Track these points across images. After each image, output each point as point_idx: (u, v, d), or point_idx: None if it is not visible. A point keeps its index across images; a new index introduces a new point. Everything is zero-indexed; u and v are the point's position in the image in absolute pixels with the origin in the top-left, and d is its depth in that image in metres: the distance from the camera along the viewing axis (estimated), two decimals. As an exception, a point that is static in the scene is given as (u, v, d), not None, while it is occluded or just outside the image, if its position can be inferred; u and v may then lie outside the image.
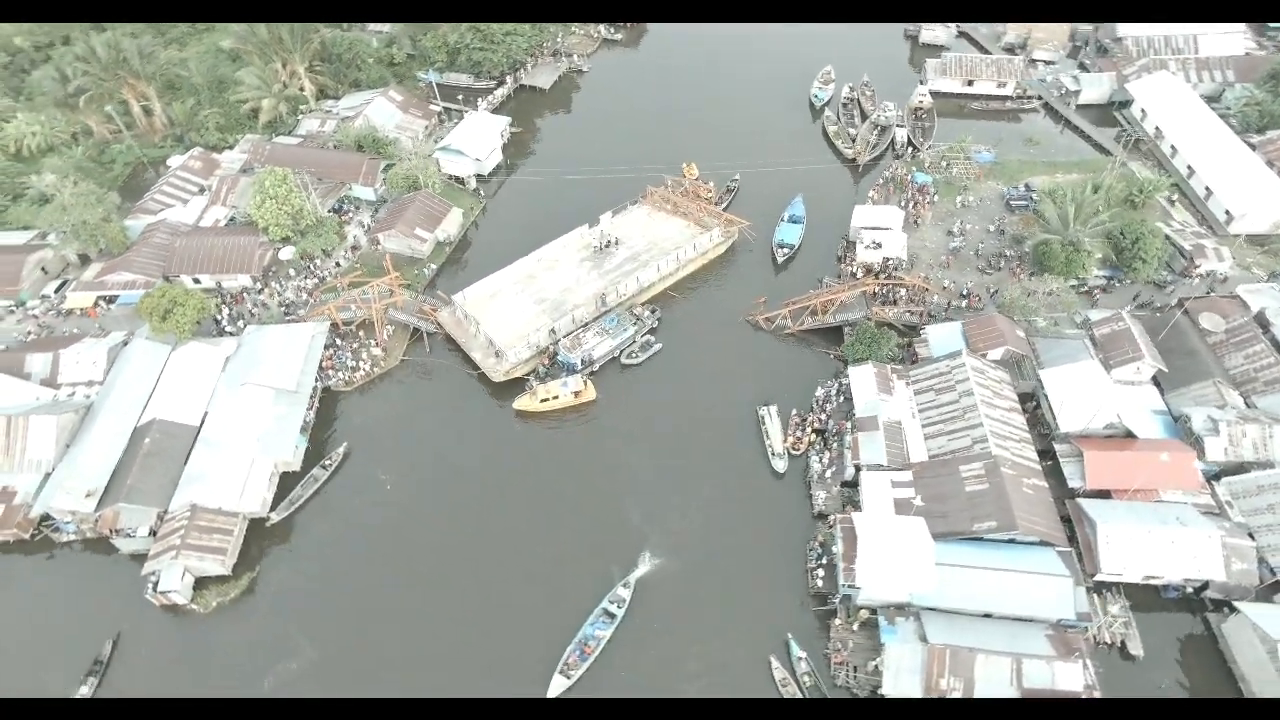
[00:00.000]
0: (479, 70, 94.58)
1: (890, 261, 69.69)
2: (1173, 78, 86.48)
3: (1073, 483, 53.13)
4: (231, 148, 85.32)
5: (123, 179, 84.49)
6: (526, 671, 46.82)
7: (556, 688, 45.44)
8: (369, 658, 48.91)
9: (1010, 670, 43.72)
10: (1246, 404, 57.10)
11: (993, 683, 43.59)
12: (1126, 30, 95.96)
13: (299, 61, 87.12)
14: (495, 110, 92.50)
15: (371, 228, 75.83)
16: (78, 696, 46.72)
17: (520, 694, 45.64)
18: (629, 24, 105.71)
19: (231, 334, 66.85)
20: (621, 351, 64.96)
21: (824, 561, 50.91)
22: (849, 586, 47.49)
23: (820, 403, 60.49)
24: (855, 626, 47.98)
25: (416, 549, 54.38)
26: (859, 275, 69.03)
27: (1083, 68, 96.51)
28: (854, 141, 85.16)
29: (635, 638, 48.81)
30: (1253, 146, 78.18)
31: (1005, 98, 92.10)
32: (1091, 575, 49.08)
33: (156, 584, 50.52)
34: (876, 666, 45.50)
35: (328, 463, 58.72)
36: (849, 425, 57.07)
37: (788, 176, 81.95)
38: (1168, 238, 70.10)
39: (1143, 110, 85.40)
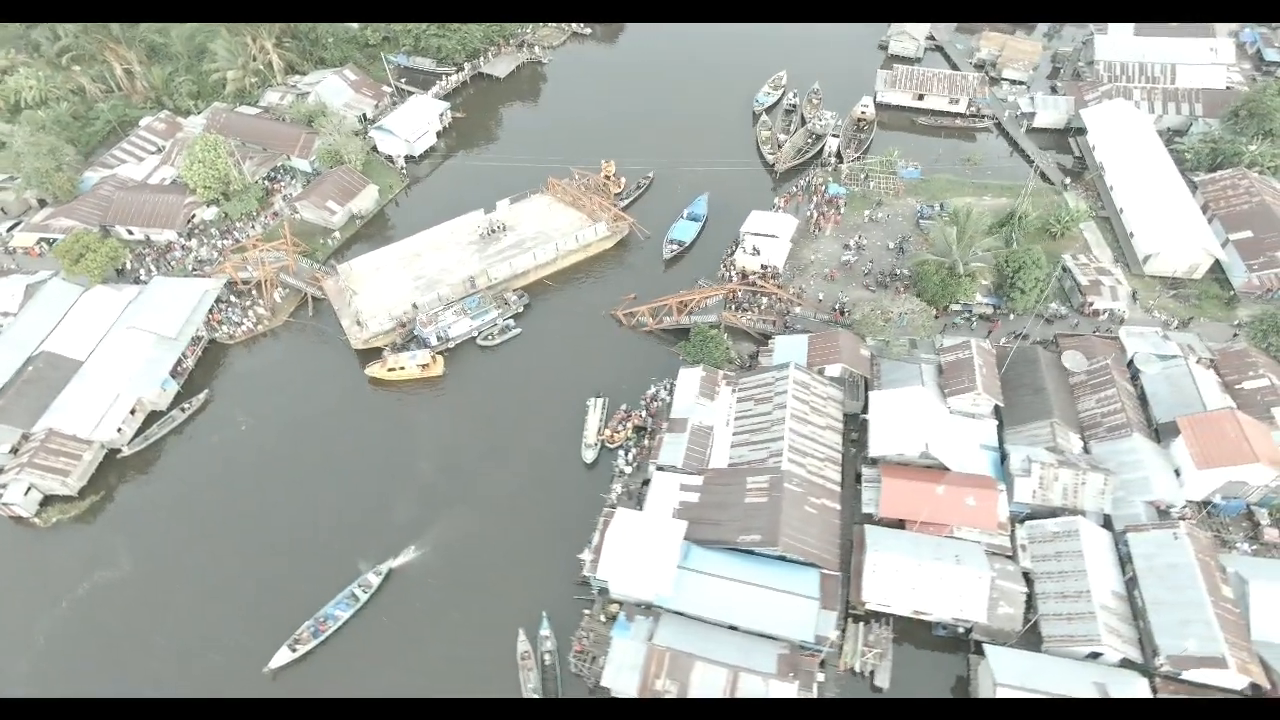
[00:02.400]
0: (440, 56, 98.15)
1: (768, 269, 69.06)
2: (1129, 107, 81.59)
3: (868, 509, 51.99)
4: (200, 113, 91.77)
5: (101, 135, 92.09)
6: (275, 636, 49.31)
7: (280, 659, 47.76)
8: (172, 578, 53.74)
9: (726, 681, 43.64)
10: (1085, 449, 54.36)
11: (707, 690, 43.62)
12: (1102, 54, 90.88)
13: (266, 37, 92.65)
14: (448, 95, 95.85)
15: (291, 197, 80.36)
16: None
17: (264, 654, 48.34)
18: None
19: (145, 283, 72.45)
20: (480, 333, 66.98)
21: (595, 553, 51.64)
22: (595, 579, 48.23)
23: (647, 401, 60.91)
24: (603, 619, 48.69)
25: (249, 487, 58.92)
26: (733, 279, 68.74)
27: (1054, 90, 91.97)
28: (779, 148, 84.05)
29: (395, 603, 51.26)
30: (1195, 186, 73.38)
31: (956, 115, 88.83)
32: (863, 603, 48.18)
33: (2, 496, 56.12)
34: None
35: (186, 406, 63.37)
36: (665, 425, 57.39)
37: (707, 177, 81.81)
38: (1067, 271, 66.95)
39: (1094, 139, 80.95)
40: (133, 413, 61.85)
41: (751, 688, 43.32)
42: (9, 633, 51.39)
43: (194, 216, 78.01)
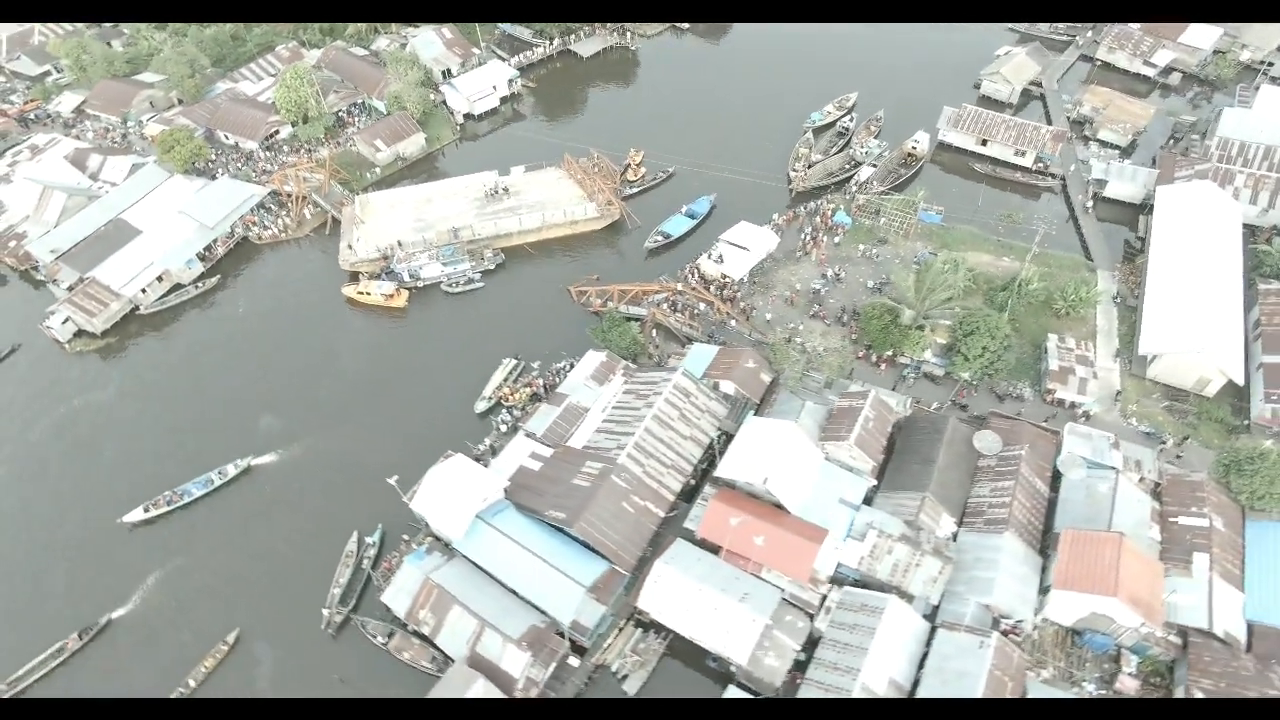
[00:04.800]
0: (537, 28, 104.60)
1: (726, 279, 68.35)
2: (1217, 192, 70.31)
3: (690, 524, 51.34)
4: (320, 49, 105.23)
5: (249, 56, 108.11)
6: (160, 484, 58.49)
7: (132, 516, 55.98)
8: (134, 411, 65.28)
9: (473, 631, 46.06)
10: (955, 535, 49.75)
11: (456, 633, 46.45)
12: (1226, 130, 78.32)
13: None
14: (530, 66, 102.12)
15: (356, 131, 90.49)
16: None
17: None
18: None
19: (215, 179, 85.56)
20: (449, 280, 72.49)
21: (436, 491, 55.35)
22: (416, 510, 52.09)
23: (553, 372, 63.22)
24: (415, 546, 52.50)
25: (222, 354, 69.76)
26: (692, 280, 68.91)
27: (1154, 162, 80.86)
28: (809, 167, 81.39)
29: (257, 487, 58.60)
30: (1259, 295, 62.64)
31: (1019, 168, 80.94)
32: (644, 610, 48.17)
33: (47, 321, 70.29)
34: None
35: (198, 285, 74.83)
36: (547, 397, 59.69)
37: (728, 182, 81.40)
38: (1048, 352, 60.34)
39: (1159, 219, 70.77)
40: (159, 280, 74.09)
41: (490, 645, 45.38)
42: (20, 419, 65.14)
43: (276, 133, 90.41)
